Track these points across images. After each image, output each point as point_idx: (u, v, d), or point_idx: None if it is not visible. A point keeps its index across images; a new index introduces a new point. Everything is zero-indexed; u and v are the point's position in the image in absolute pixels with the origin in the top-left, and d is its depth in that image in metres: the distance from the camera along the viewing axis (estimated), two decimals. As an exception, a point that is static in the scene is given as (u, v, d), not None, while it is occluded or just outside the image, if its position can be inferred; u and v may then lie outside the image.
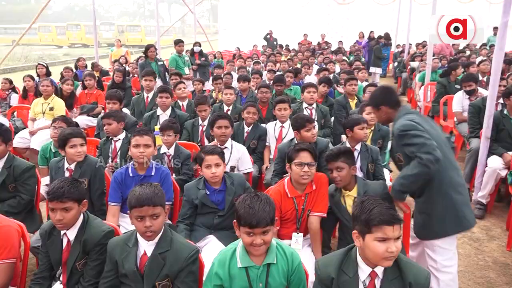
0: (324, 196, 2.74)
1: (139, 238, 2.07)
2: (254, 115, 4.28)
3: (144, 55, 7.74)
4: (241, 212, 1.85)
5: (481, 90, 5.83)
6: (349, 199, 2.69)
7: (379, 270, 1.77)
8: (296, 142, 3.51)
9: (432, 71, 7.53)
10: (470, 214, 2.53)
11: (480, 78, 6.52)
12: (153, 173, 2.98)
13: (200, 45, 9.81)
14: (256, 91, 5.54)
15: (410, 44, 13.33)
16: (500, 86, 4.54)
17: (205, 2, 36.61)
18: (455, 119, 5.79)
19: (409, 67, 10.37)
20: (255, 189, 3.93)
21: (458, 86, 6.82)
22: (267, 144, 4.30)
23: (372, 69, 12.03)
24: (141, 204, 1.99)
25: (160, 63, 7.56)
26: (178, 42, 8.21)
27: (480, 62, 7.06)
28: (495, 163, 4.17)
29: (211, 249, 2.62)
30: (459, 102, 5.72)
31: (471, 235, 3.89)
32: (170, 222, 3.00)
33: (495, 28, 13.43)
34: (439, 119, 6.48)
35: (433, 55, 7.91)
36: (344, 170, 2.65)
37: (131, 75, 8.49)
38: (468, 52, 10.92)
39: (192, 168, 3.56)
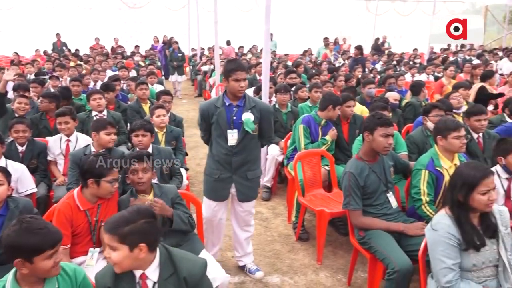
0: (115, 203, 2.69)
1: None
2: (24, 133, 3.74)
3: None
4: (32, 241, 1.65)
5: None
6: None
7: (149, 271, 1.80)
8: (92, 149, 3.39)
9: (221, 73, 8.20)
10: None
11: (258, 78, 7.44)
12: None
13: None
14: (38, 102, 4.97)
15: (203, 48, 14.16)
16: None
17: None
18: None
19: (202, 71, 11.03)
20: (44, 209, 3.55)
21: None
22: (51, 159, 3.91)
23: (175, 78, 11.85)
24: None
25: None
26: None
27: (257, 64, 8.06)
28: (274, 151, 4.86)
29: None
30: None
31: (261, 216, 4.43)
32: None
33: (271, 34, 15.51)
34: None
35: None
36: (149, 172, 2.67)
37: None
38: (250, 55, 12.30)
39: None
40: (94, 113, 4.63)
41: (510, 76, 6.88)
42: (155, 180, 2.97)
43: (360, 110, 5.08)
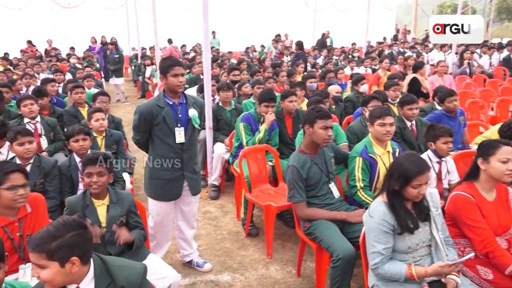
0: (44, 214, 2.57)
1: None
2: None
3: None
4: None
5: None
6: (102, 208, 2.60)
7: (84, 284, 1.72)
8: (18, 161, 3.16)
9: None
10: None
11: (202, 77, 7.36)
12: None
13: None
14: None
15: (144, 48, 13.77)
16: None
17: None
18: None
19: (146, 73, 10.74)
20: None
21: (187, 86, 7.56)
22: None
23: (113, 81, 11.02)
24: None
25: None
26: None
27: (200, 62, 7.99)
28: (220, 149, 4.84)
29: None
30: None
31: (210, 215, 4.40)
32: None
33: (213, 32, 15.43)
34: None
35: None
36: (105, 176, 2.59)
37: None
38: (192, 54, 12.15)
39: None
40: (26, 120, 4.35)
41: (438, 65, 7.32)
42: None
43: (308, 104, 5.18)
